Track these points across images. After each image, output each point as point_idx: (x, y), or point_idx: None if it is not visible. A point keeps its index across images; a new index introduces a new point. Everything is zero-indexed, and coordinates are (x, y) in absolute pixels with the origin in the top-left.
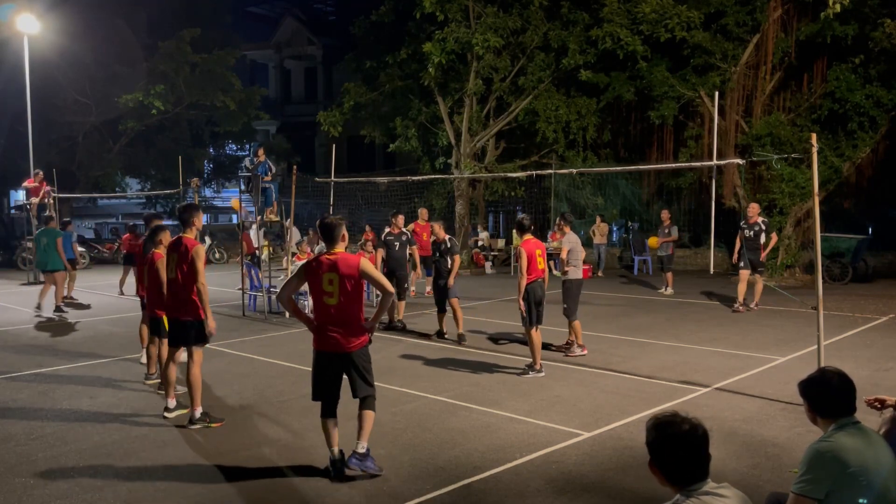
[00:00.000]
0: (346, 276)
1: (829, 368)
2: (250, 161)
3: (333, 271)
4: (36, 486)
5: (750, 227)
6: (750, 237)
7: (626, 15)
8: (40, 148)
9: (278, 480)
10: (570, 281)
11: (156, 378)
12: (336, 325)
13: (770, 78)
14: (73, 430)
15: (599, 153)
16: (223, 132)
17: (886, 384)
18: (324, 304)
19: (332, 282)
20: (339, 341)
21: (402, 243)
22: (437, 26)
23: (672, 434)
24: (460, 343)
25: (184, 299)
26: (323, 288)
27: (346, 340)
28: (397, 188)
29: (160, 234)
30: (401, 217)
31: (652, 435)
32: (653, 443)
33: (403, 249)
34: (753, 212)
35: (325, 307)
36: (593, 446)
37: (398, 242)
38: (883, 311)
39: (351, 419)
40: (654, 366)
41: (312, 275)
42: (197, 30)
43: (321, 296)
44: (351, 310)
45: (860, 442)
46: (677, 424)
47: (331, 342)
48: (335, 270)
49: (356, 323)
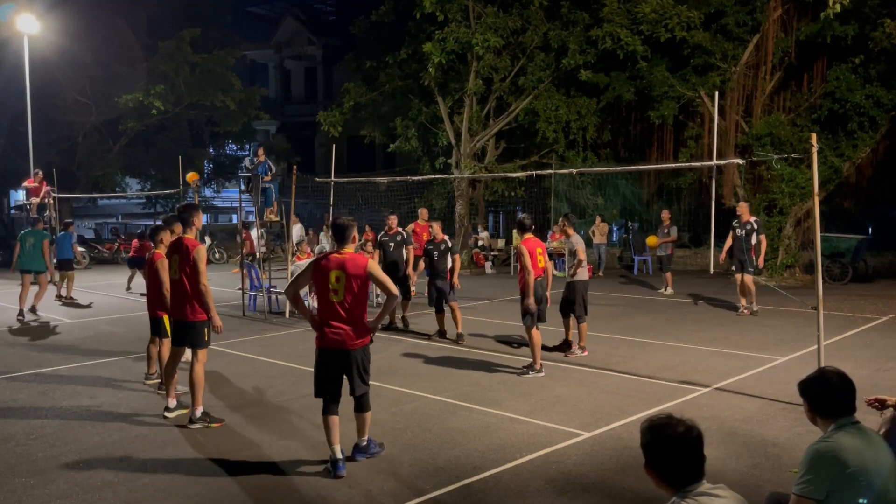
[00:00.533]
0: (354, 276)
1: (828, 368)
2: (250, 161)
3: (341, 269)
4: (36, 486)
5: (742, 227)
6: (741, 236)
7: (626, 15)
8: (40, 148)
9: (278, 480)
10: (577, 282)
11: (156, 378)
12: (340, 323)
13: (770, 78)
14: (73, 430)
15: (599, 153)
16: (223, 132)
17: (886, 384)
18: (329, 302)
19: (339, 279)
20: (342, 338)
21: (396, 244)
22: (437, 26)
23: (667, 437)
24: (458, 342)
25: (188, 300)
26: (329, 285)
27: (350, 338)
28: (397, 188)
29: (161, 234)
30: (393, 217)
31: (646, 438)
32: (647, 445)
33: (399, 250)
34: (744, 210)
35: (330, 304)
36: (593, 446)
37: (393, 243)
38: (883, 311)
39: (352, 420)
40: (654, 366)
41: (320, 272)
42: (197, 30)
43: (327, 293)
44: (355, 308)
45: (860, 442)
46: (672, 427)
47: (334, 339)
48: (343, 269)
49: (360, 321)
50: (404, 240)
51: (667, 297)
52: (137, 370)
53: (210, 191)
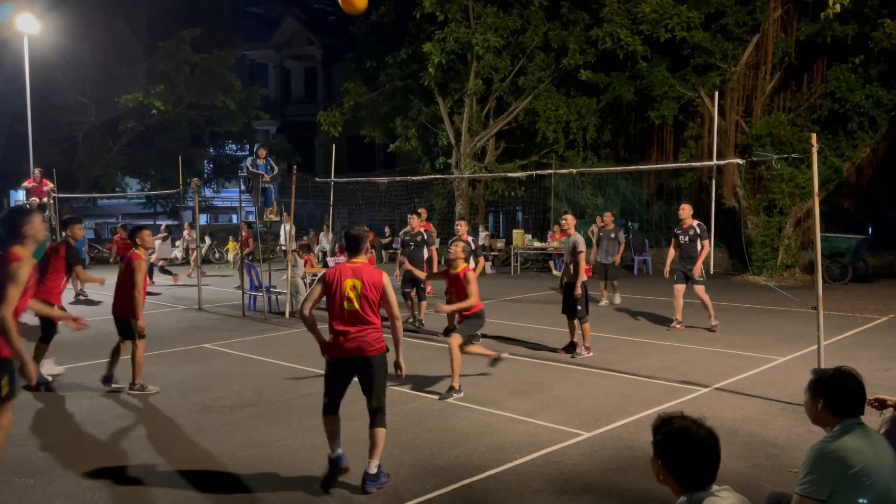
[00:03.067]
0: (370, 285)
1: (845, 368)
2: (252, 164)
3: (357, 278)
4: (36, 486)
5: (684, 232)
6: (685, 243)
7: (626, 15)
8: (40, 148)
9: (278, 481)
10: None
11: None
12: (355, 330)
13: (770, 78)
14: (73, 430)
15: (599, 153)
16: (223, 132)
17: (886, 384)
18: (343, 310)
19: (355, 287)
20: (359, 345)
21: (417, 244)
22: (437, 26)
23: (692, 441)
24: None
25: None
26: (345, 293)
27: (367, 344)
28: (397, 188)
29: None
30: (415, 217)
31: (668, 439)
32: (665, 444)
33: (420, 250)
34: (686, 214)
35: (345, 312)
36: (593, 446)
37: (413, 243)
38: (883, 311)
39: (351, 420)
40: (654, 366)
41: (334, 282)
42: (197, 30)
43: (342, 301)
44: (371, 316)
45: (863, 442)
46: (695, 431)
47: (349, 348)
48: (359, 277)
49: (375, 328)
50: (425, 240)
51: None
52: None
53: (210, 191)
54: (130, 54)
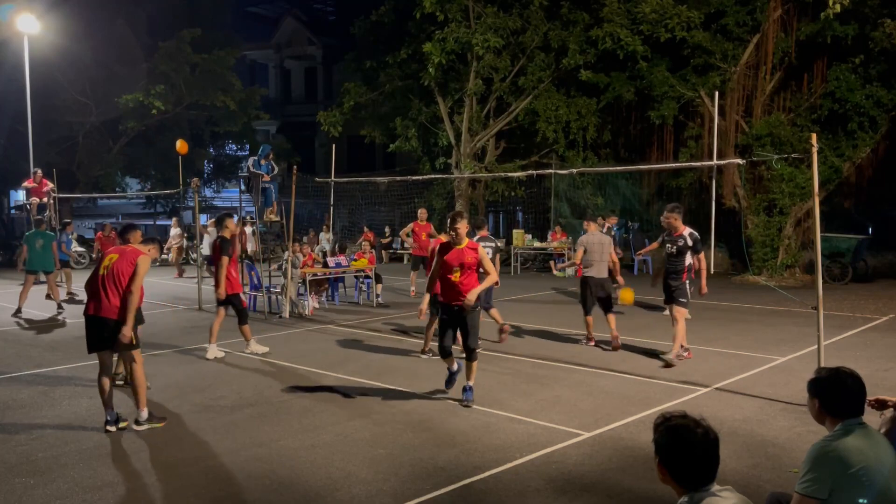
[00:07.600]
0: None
1: (843, 369)
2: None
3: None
4: (36, 486)
5: (673, 241)
6: (672, 253)
7: (626, 15)
8: (40, 148)
9: (278, 480)
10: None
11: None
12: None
13: (770, 78)
14: (73, 430)
15: (599, 153)
16: (223, 132)
17: (886, 384)
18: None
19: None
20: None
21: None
22: (437, 26)
23: (687, 439)
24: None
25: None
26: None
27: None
28: (397, 188)
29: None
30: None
31: (664, 436)
32: (663, 444)
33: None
34: (674, 221)
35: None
36: (593, 446)
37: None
38: (883, 311)
39: (352, 420)
40: (655, 366)
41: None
42: (197, 30)
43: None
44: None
45: (863, 442)
46: (692, 429)
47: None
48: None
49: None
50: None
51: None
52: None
53: (210, 191)
54: (130, 54)
